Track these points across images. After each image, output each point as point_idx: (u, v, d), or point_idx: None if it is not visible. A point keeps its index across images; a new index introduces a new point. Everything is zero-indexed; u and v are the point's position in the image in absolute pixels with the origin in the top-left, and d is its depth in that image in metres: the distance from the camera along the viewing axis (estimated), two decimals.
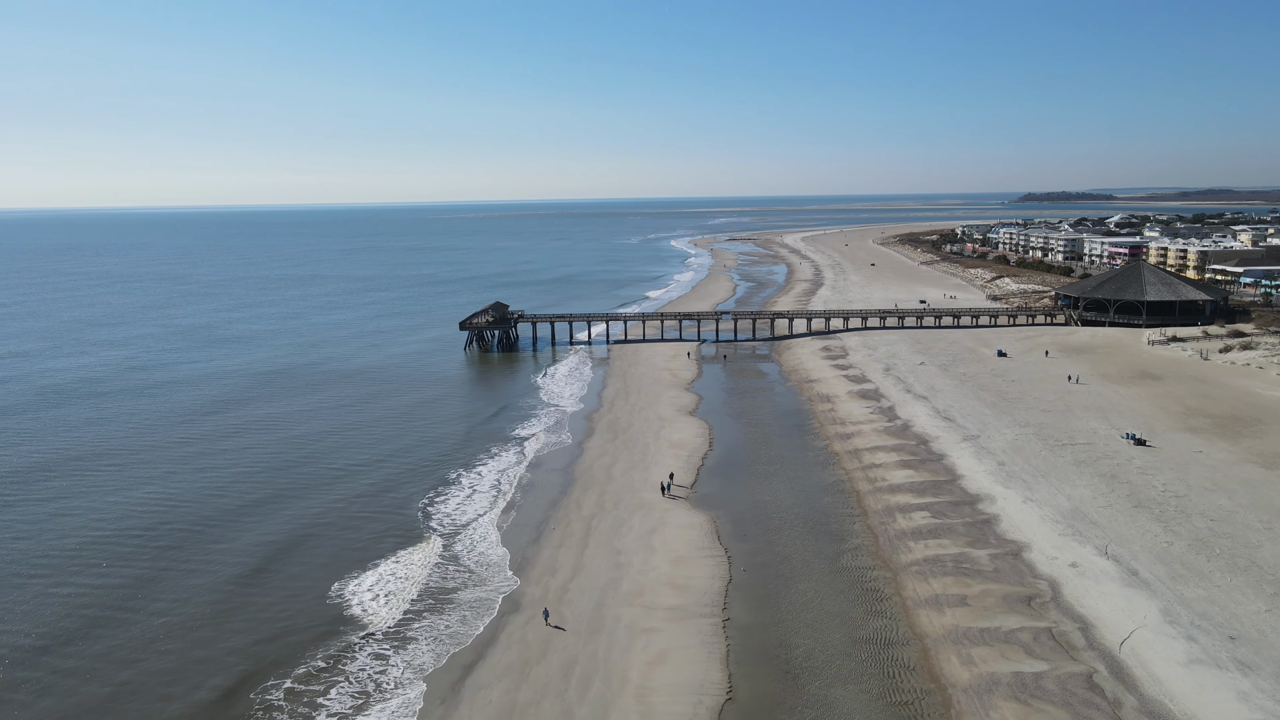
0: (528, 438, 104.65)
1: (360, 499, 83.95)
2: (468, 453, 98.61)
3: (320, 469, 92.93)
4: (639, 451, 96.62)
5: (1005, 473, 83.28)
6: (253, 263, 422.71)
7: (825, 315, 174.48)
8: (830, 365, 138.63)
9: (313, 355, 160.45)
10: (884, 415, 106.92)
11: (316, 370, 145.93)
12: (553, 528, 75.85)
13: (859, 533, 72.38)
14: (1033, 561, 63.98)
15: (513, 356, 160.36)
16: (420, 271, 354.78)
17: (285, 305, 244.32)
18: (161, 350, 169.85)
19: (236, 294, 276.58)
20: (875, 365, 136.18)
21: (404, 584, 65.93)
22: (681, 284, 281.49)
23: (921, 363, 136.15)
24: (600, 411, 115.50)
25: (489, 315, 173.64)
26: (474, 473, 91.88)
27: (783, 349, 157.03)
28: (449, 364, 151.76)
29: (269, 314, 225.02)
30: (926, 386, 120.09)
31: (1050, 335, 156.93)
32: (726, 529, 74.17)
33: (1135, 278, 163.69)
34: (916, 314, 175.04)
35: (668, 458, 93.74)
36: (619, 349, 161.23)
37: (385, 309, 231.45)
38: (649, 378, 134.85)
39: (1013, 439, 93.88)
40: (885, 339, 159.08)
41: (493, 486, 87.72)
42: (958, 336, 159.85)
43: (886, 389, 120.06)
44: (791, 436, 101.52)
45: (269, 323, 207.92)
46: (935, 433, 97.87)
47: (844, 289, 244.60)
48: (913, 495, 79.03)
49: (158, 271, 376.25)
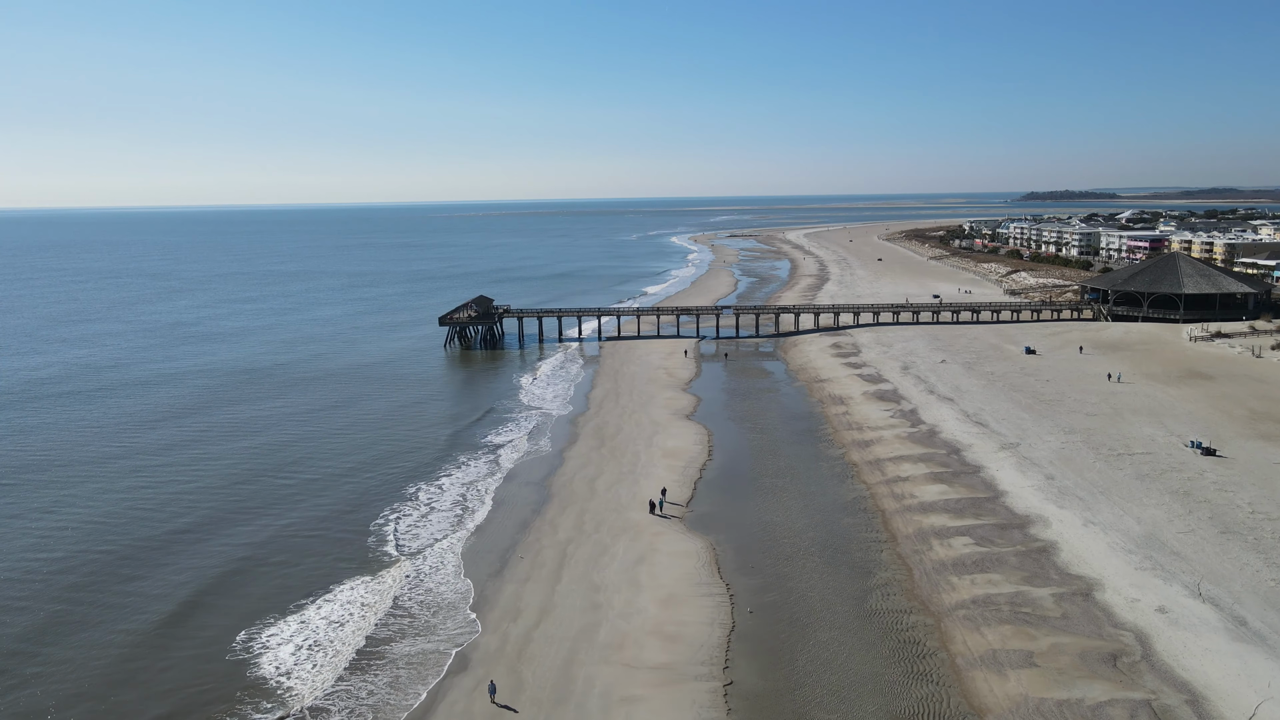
0: (503, 445, 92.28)
1: (309, 521, 71.58)
2: (435, 464, 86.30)
3: (271, 486, 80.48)
4: (627, 461, 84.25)
5: (1056, 488, 70.84)
6: (241, 259, 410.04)
7: (834, 310, 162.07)
8: (842, 363, 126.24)
9: (287, 355, 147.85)
10: (906, 419, 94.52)
11: (287, 372, 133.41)
12: (520, 556, 63.53)
13: (888, 564, 60.02)
14: (1109, 605, 51.57)
15: (496, 354, 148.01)
16: (414, 267, 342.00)
17: (268, 302, 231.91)
18: (124, 349, 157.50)
19: (218, 290, 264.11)
20: (892, 363, 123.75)
21: (339, 633, 53.60)
22: (681, 280, 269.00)
23: (943, 360, 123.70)
24: (586, 415, 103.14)
25: (471, 310, 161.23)
26: (439, 487, 79.56)
27: (789, 346, 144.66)
28: (428, 364, 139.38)
29: (248, 310, 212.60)
30: (951, 387, 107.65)
31: (1080, 331, 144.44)
32: (728, 558, 61.84)
33: (1171, 269, 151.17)
34: (932, 309, 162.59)
35: (660, 469, 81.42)
36: (611, 346, 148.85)
37: (372, 305, 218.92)
38: (642, 377, 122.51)
39: (1058, 447, 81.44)
40: (900, 335, 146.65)
41: (457, 504, 75.37)
42: (979, 332, 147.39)
43: (906, 389, 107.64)
44: (802, 444, 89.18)
45: (247, 319, 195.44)
46: (967, 439, 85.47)
47: (851, 284, 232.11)
48: (949, 516, 66.63)
49: (139, 268, 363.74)
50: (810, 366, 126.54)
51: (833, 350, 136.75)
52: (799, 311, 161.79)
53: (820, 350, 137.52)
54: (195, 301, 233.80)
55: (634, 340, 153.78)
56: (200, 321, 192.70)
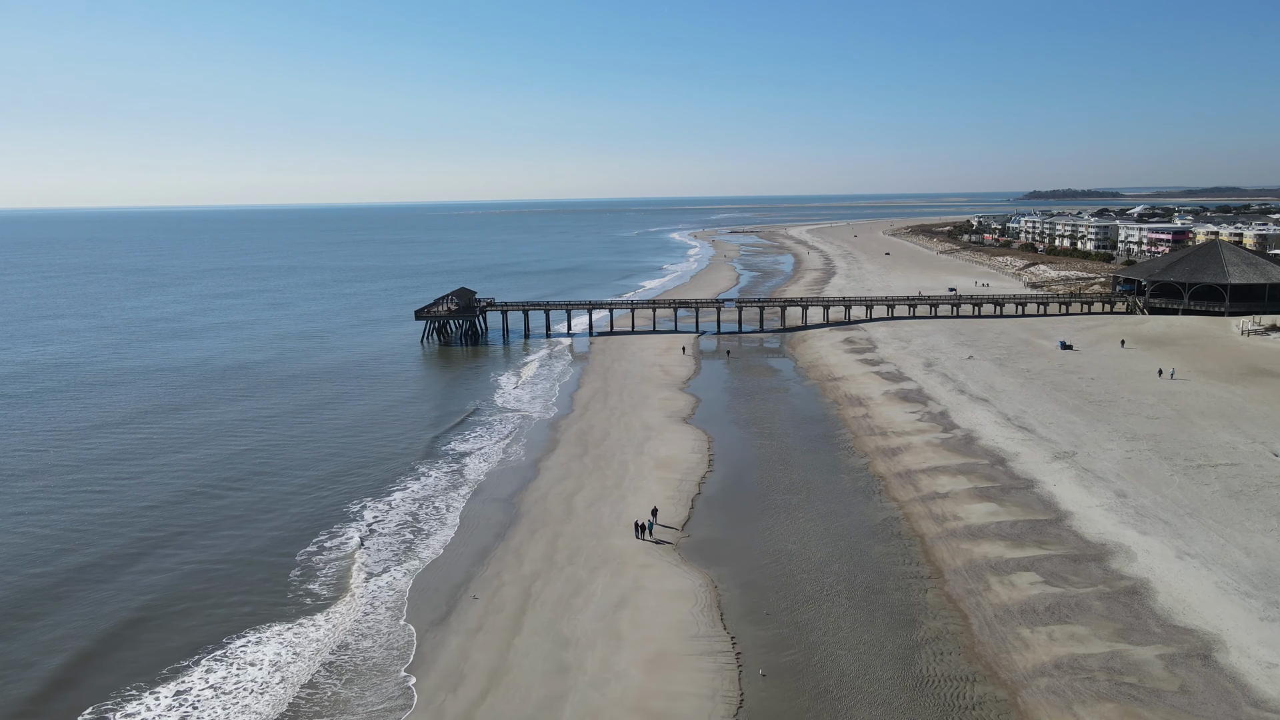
0: (470, 454, 79.69)
1: (234, 553, 58.72)
2: (391, 477, 73.73)
3: (205, 508, 67.31)
4: (613, 474, 71.65)
5: (1132, 509, 58.25)
6: (228, 255, 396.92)
7: (845, 303, 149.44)
8: (857, 360, 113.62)
9: (259, 353, 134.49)
10: (936, 423, 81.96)
11: (255, 372, 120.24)
12: (474, 595, 51.00)
13: (937, 609, 47.45)
14: (1239, 672, 39.00)
15: (478, 351, 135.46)
16: (407, 263, 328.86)
17: (249, 298, 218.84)
18: (81, 346, 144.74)
19: (198, 285, 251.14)
20: (913, 360, 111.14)
21: (223, 711, 41.09)
22: (679, 274, 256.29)
23: (970, 356, 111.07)
24: (570, 418, 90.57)
25: (451, 303, 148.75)
26: (389, 505, 67.02)
27: (796, 342, 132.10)
28: (402, 362, 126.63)
29: (227, 306, 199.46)
30: (984, 386, 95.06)
31: (1116, 324, 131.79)
32: (733, 600, 49.30)
33: (1213, 258, 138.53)
34: (951, 301, 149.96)
35: (651, 482, 68.86)
36: (603, 343, 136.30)
37: (357, 301, 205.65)
38: (635, 375, 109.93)
39: (1123, 457, 68.81)
40: (918, 329, 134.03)
41: (407, 526, 62.81)
42: (1005, 326, 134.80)
43: (933, 389, 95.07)
44: (818, 451, 76.62)
45: (224, 315, 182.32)
46: (1011, 447, 72.86)
47: (859, 278, 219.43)
48: (1005, 544, 54.05)
49: (118, 263, 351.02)
50: (822, 363, 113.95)
51: (845, 346, 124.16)
52: (807, 304, 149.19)
53: (832, 346, 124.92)
54: (171, 297, 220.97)
55: (627, 336, 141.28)
56: (176, 317, 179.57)
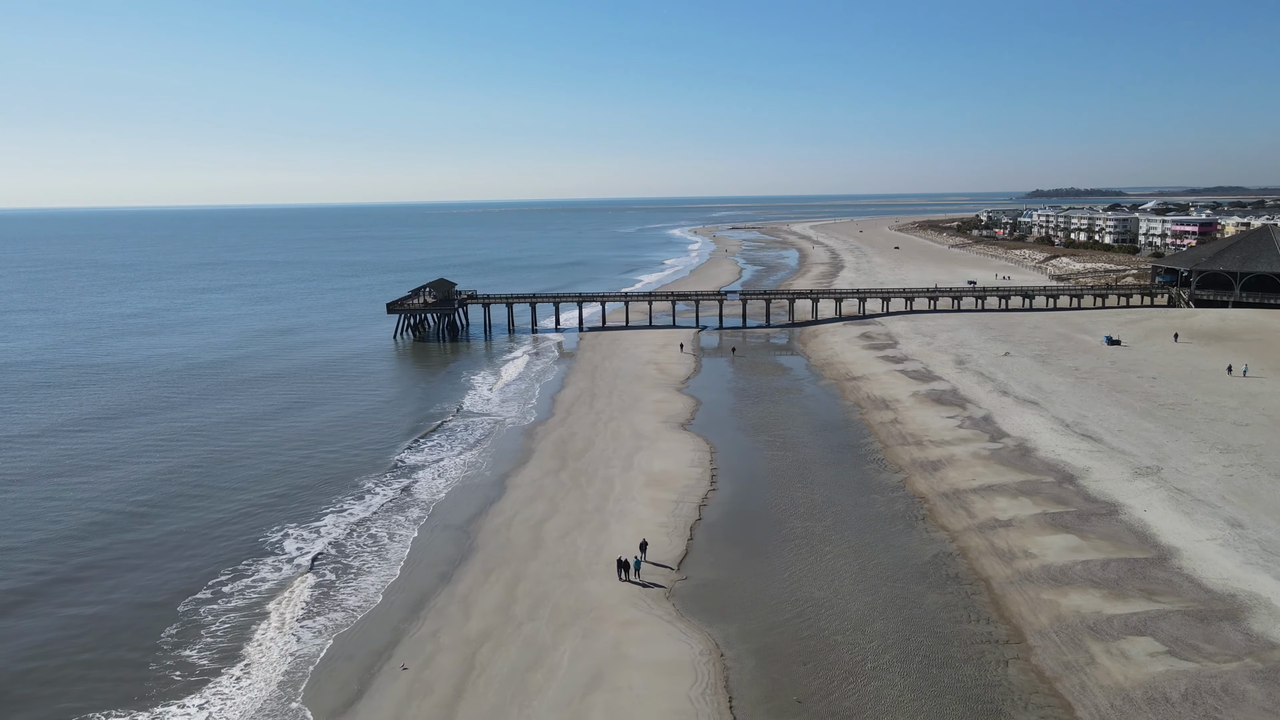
0: (427, 468, 66.84)
1: (117, 605, 46.07)
2: (331, 496, 60.90)
3: (106, 544, 53.61)
4: (595, 493, 58.83)
5: (1257, 544, 45.37)
6: (218, 250, 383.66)
7: (859, 295, 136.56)
8: (877, 357, 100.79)
9: (230, 352, 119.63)
10: (980, 430, 69.16)
11: (220, 373, 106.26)
12: (403, 665, 38.18)
13: (1024, 693, 34.58)
14: None
15: (456, 348, 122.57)
16: (402, 257, 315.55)
17: (233, 292, 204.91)
18: (31, 344, 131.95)
19: (181, 280, 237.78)
20: (941, 357, 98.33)
21: None
22: (679, 269, 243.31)
23: (1006, 353, 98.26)
24: (549, 424, 77.73)
25: (428, 296, 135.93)
26: (321, 532, 54.29)
27: (808, 337, 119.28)
28: (373, 360, 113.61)
29: (204, 302, 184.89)
30: (1029, 386, 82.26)
31: (1161, 317, 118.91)
32: (746, 676, 36.46)
33: (1267, 246, 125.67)
34: (975, 293, 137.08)
35: (641, 504, 56.06)
36: (593, 338, 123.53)
37: (346, 296, 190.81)
38: (628, 374, 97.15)
39: (1223, 474, 55.97)
40: (942, 323, 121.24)
41: (333, 564, 49.98)
42: (1037, 320, 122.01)
43: (970, 389, 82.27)
44: (842, 465, 63.79)
45: (198, 311, 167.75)
46: (1079, 460, 60.06)
47: (870, 272, 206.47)
48: (1102, 594, 41.18)
49: (99, 259, 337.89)
50: (837, 360, 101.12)
51: (863, 341, 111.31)
52: (818, 296, 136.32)
53: (847, 341, 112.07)
54: (146, 291, 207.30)
55: (621, 331, 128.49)
56: (146, 313, 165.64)
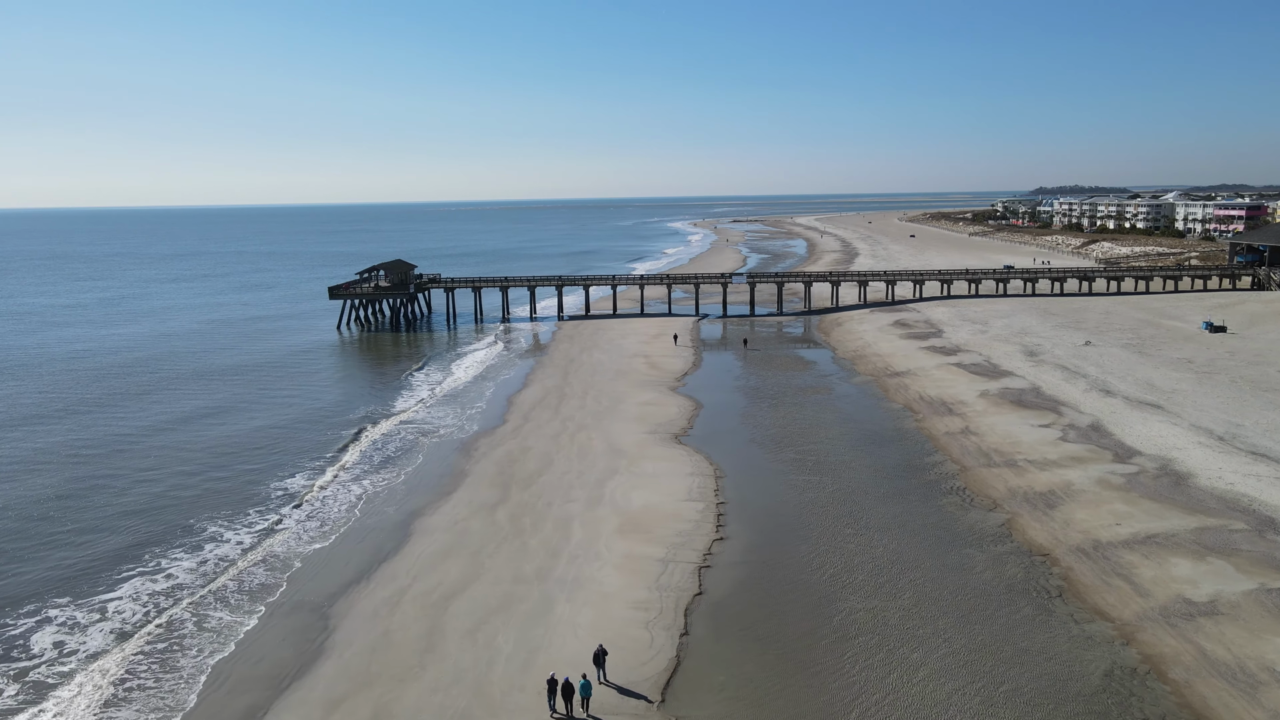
0: (305, 502, 46.82)
1: None
2: (154, 548, 41.14)
3: None
4: (541, 545, 38.78)
5: None
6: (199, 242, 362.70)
7: (888, 278, 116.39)
8: (921, 348, 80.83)
9: (152, 350, 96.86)
10: (1093, 443, 49.22)
11: (131, 375, 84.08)
12: None
13: None
14: None
15: (413, 339, 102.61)
16: (400, 249, 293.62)
17: (197, 283, 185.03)
18: None
19: (145, 271, 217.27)
20: (1004, 347, 78.36)
21: None
22: (676, 258, 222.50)
23: (1087, 342, 78.28)
24: (496, 435, 57.70)
25: (381, 279, 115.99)
26: (103, 612, 34.44)
27: (829, 326, 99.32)
28: (310, 356, 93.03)
29: (160, 292, 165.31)
30: (1138, 383, 62.26)
31: (1256, 301, 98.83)
32: None
33: None
34: (1024, 275, 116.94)
35: (608, 568, 36.12)
36: (573, 328, 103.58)
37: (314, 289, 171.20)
38: (609, 369, 77.18)
39: None
40: (991, 309, 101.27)
41: (79, 687, 29.94)
42: (1106, 305, 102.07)
43: (1056, 387, 62.29)
44: (906, 497, 43.76)
45: (149, 302, 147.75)
46: (1266, 491, 40.05)
47: (888, 259, 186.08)
48: None
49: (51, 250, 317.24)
50: (871, 352, 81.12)
51: (899, 330, 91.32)
52: (839, 280, 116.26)
53: (880, 330, 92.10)
54: (100, 283, 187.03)
55: (606, 320, 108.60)
56: (89, 305, 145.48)
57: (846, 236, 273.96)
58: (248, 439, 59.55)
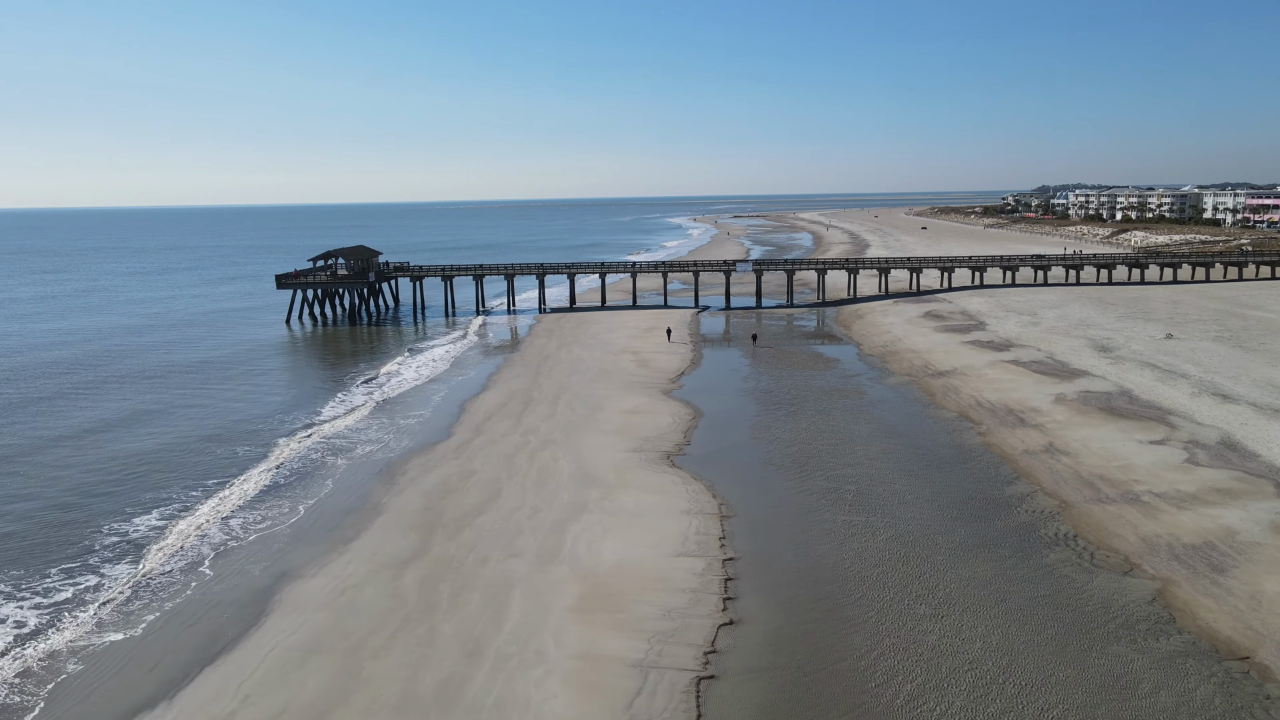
0: (150, 554, 33.50)
1: None
2: None
3: None
4: (461, 631, 25.37)
5: None
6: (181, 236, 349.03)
7: (912, 265, 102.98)
8: (963, 342, 67.54)
9: (89, 346, 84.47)
10: (1237, 468, 35.98)
11: (57, 375, 71.94)
12: None
13: None
14: None
15: (371, 334, 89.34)
16: (393, 240, 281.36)
17: (157, 277, 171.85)
18: None
19: (115, 264, 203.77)
20: (1068, 341, 65.05)
21: None
22: (674, 250, 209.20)
23: (1168, 335, 65.00)
24: (434, 454, 44.35)
25: (339, 268, 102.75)
26: None
27: (849, 318, 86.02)
28: (250, 354, 79.68)
29: (123, 285, 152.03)
30: (1261, 385, 49.08)
31: None
32: None
33: None
34: (1069, 262, 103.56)
35: (554, 679, 22.63)
36: (555, 321, 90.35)
37: None
38: (590, 367, 63.86)
39: None
40: (1037, 299, 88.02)
41: None
42: (1169, 294, 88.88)
43: (1152, 390, 49.01)
44: (997, 549, 30.37)
45: (108, 295, 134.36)
46: None
47: (903, 251, 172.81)
48: None
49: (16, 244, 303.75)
50: (904, 348, 67.82)
51: (932, 322, 78.02)
52: (857, 267, 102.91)
53: (909, 322, 78.79)
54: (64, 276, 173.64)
55: (593, 312, 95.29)
56: (38, 298, 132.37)
57: (854, 229, 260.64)
58: (132, 460, 46.16)
